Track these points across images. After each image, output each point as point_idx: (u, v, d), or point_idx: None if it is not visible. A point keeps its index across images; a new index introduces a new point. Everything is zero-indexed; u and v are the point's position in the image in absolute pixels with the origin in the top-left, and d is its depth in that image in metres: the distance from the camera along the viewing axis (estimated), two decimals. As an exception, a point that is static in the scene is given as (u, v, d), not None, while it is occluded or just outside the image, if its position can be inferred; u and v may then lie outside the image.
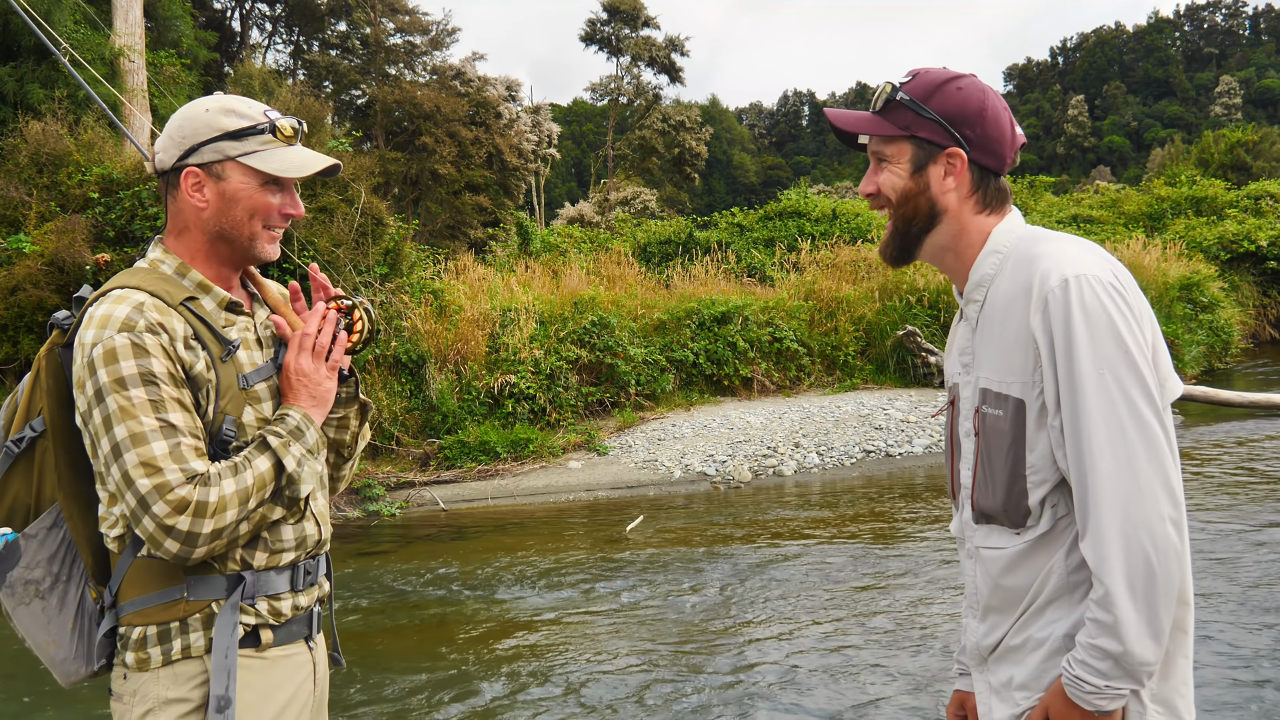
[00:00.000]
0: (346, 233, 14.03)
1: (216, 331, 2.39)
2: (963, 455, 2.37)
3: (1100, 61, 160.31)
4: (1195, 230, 29.05)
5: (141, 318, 2.26)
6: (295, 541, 2.49)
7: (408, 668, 7.10)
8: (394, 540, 11.23)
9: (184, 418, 2.26)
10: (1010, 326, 2.17)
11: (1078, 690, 2.05)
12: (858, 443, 14.63)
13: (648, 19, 55.12)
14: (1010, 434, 2.16)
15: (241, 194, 2.43)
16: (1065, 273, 2.07)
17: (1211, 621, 6.95)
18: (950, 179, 2.27)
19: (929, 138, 2.24)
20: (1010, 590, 2.25)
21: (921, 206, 2.28)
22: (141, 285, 2.34)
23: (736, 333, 17.86)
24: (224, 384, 2.37)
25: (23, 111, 15.66)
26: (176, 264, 2.45)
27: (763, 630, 7.47)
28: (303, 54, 44.08)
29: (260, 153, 2.43)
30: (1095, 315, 2.03)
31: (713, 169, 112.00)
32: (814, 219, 26.06)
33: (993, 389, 2.21)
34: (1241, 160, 48.22)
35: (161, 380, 2.24)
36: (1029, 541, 2.19)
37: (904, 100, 2.26)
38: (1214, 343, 22.25)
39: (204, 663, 2.32)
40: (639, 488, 13.22)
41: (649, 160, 55.96)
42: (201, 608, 2.34)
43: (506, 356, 15.32)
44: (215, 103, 2.46)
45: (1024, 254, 2.20)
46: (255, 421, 2.41)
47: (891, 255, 2.38)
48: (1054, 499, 2.16)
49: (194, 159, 2.41)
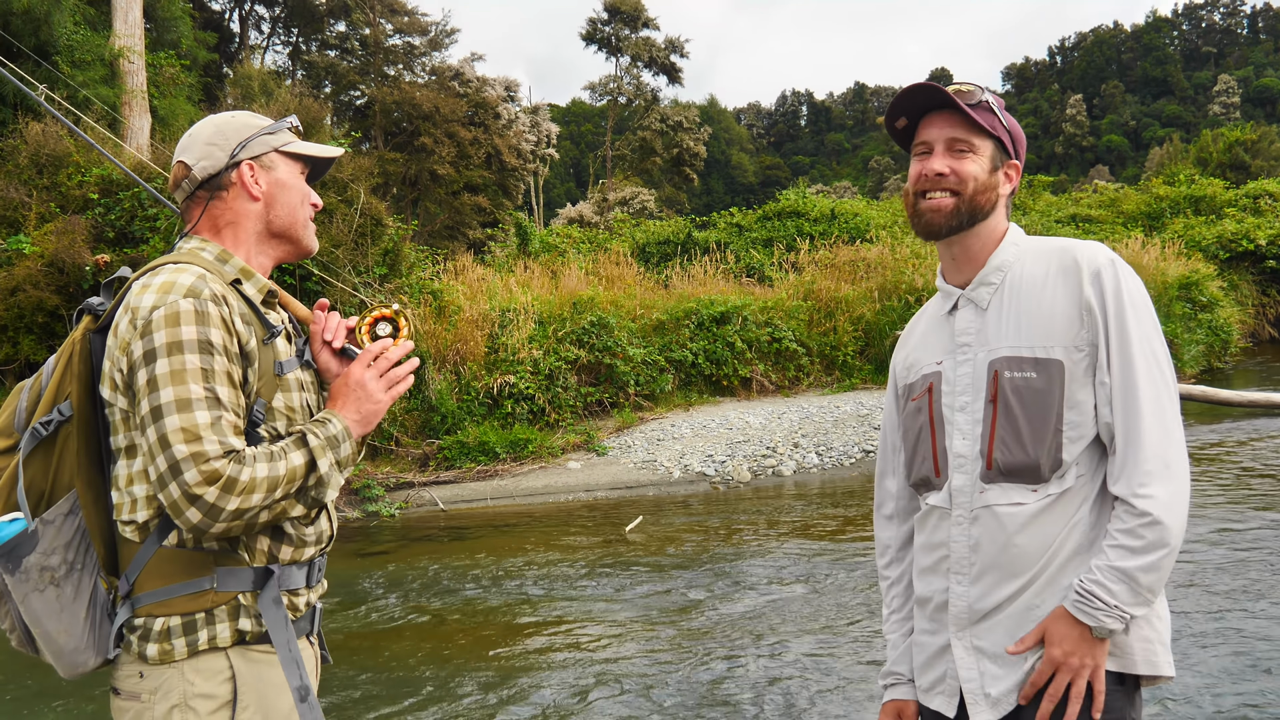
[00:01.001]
0: (346, 233, 14.04)
1: (261, 314, 2.43)
2: (957, 427, 2.50)
3: (1098, 61, 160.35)
4: (1194, 229, 29.07)
5: (206, 286, 2.28)
6: (315, 537, 2.50)
7: (406, 668, 7.10)
8: (393, 541, 11.24)
9: (230, 393, 2.27)
10: (1049, 299, 2.40)
11: (1088, 606, 2.25)
12: (857, 443, 14.63)
13: (648, 20, 55.18)
14: (1049, 392, 2.35)
15: (291, 180, 2.56)
16: (1107, 253, 2.39)
17: (1226, 610, 6.97)
18: (1007, 185, 2.56)
19: (1005, 145, 2.54)
20: (1023, 549, 2.37)
21: (991, 200, 2.52)
22: (194, 262, 2.36)
23: (735, 333, 17.88)
24: (263, 366, 2.39)
25: (23, 113, 15.67)
26: (218, 251, 2.49)
27: (764, 630, 7.47)
28: (301, 55, 44.10)
29: (294, 143, 2.58)
30: (1137, 290, 2.36)
31: (711, 169, 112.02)
32: (812, 219, 26.08)
33: (1024, 355, 2.40)
34: (1240, 159, 48.28)
35: (217, 350, 2.25)
36: (1049, 498, 2.36)
37: (991, 106, 2.51)
38: (1213, 342, 22.26)
39: (228, 657, 2.32)
40: (638, 488, 13.23)
41: (648, 160, 55.99)
42: (228, 599, 2.32)
43: (505, 357, 15.33)
44: (235, 113, 2.58)
45: (1041, 247, 2.51)
46: (284, 408, 2.42)
47: (943, 227, 2.53)
48: (1082, 457, 2.36)
49: (245, 154, 2.50)
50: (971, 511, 2.44)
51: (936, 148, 2.51)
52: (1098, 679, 2.28)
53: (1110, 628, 2.24)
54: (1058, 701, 2.29)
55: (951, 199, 2.49)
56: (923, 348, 2.65)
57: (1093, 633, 2.25)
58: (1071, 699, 2.28)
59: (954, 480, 2.48)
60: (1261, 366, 23.11)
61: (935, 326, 2.63)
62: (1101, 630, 2.24)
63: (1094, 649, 2.27)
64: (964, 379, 2.49)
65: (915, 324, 2.75)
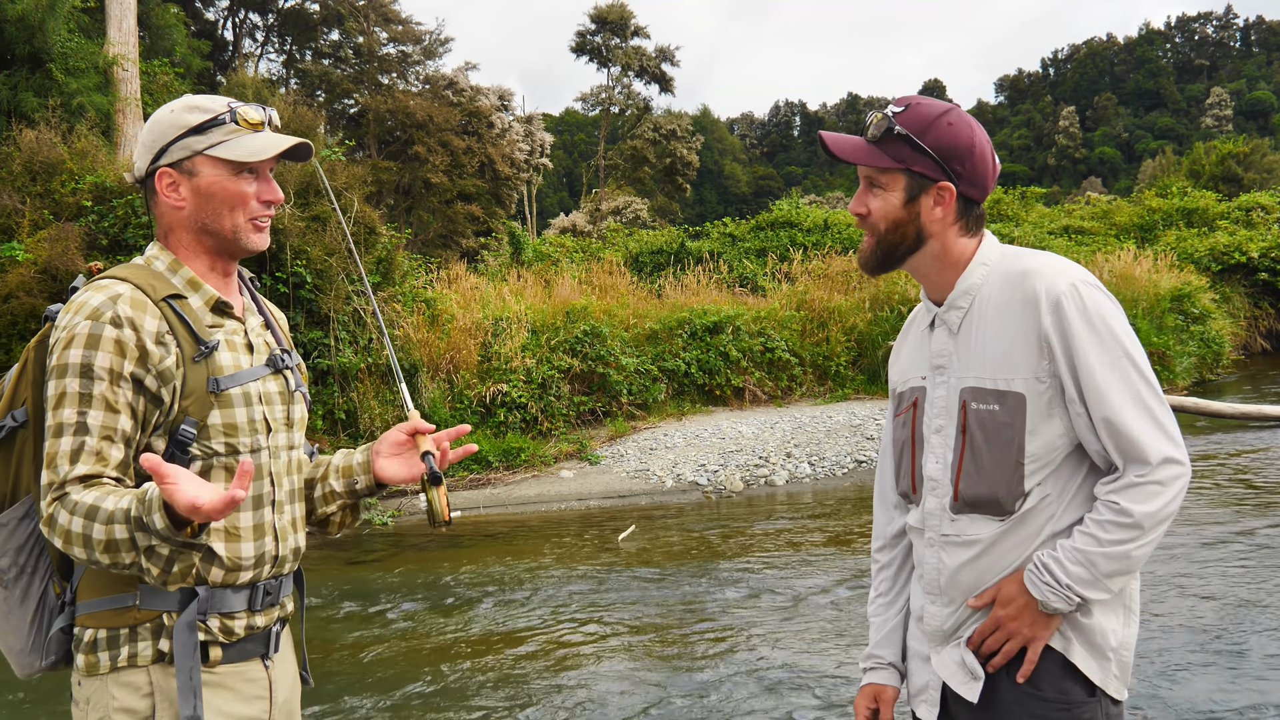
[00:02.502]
0: (339, 241, 14.05)
1: (194, 330, 2.36)
2: (930, 449, 2.50)
3: (1091, 73, 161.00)
4: (1186, 241, 29.13)
5: (111, 309, 2.25)
6: (254, 559, 2.42)
7: (397, 678, 7.09)
8: (386, 549, 11.22)
9: (104, 417, 2.23)
10: (1010, 329, 2.33)
11: (1038, 579, 2.27)
12: (850, 453, 14.64)
13: (637, 29, 55.06)
14: (1010, 425, 2.31)
15: (215, 187, 2.42)
16: (1070, 278, 2.29)
17: (1215, 628, 6.98)
18: (939, 209, 2.42)
19: (923, 171, 2.39)
20: (986, 570, 2.41)
21: (910, 233, 2.44)
22: (128, 277, 2.34)
23: (728, 342, 17.90)
24: (190, 384, 2.32)
25: (16, 119, 15.66)
26: (169, 260, 2.45)
27: (756, 640, 7.47)
28: (295, 63, 44.11)
29: (225, 142, 2.41)
30: (1099, 311, 2.27)
31: (704, 179, 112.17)
32: (806, 229, 26.13)
33: (986, 386, 2.36)
34: (1232, 172, 48.44)
35: (98, 375, 2.22)
36: (1009, 524, 2.36)
37: (900, 134, 2.38)
38: (1205, 354, 22.29)
39: (149, 674, 2.29)
40: (631, 497, 13.22)
41: (640, 170, 55.99)
42: (152, 617, 2.30)
43: (498, 365, 15.34)
44: (180, 102, 2.46)
45: (1010, 269, 2.40)
46: (222, 425, 2.36)
47: (871, 267, 2.53)
48: (1046, 483, 2.34)
49: (165, 159, 2.41)
50: (941, 535, 2.46)
51: (860, 186, 2.49)
52: (1033, 650, 2.32)
53: (1055, 606, 2.26)
54: (989, 653, 2.37)
55: (870, 239, 2.49)
56: (912, 359, 2.63)
57: (1039, 606, 2.28)
58: (999, 657, 2.36)
59: (927, 502, 2.50)
60: (1253, 379, 23.16)
61: (920, 340, 2.61)
62: (1046, 606, 2.26)
63: (1037, 621, 2.30)
64: (939, 401, 2.48)
65: (908, 330, 2.71)
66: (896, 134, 2.38)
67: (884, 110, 2.43)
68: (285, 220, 13.15)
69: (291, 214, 13.39)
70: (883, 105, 2.48)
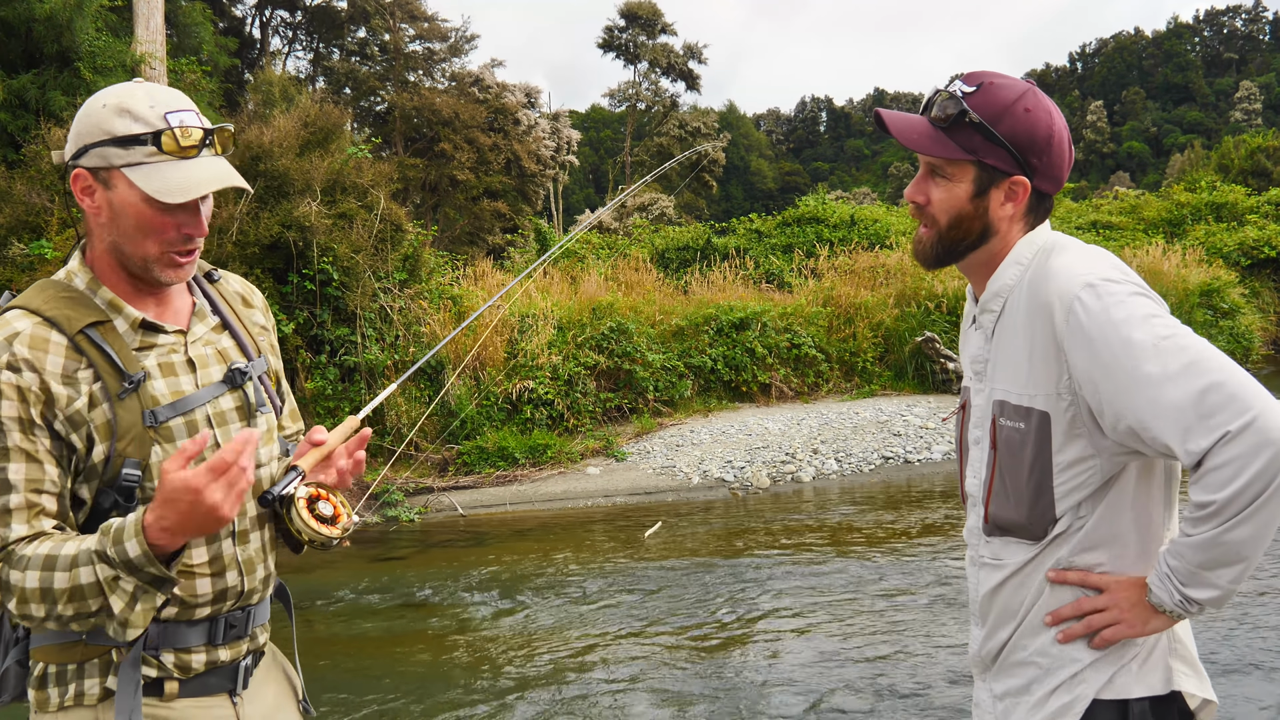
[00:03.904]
0: (365, 239, 14.08)
1: (118, 363, 2.13)
2: (970, 462, 2.36)
3: (1119, 67, 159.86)
4: (1215, 236, 28.90)
5: (7, 351, 2.05)
6: (213, 595, 2.26)
7: (424, 674, 7.10)
8: (412, 546, 11.24)
9: (25, 469, 2.05)
10: (1033, 341, 2.13)
11: (1156, 571, 2.06)
12: (876, 449, 14.59)
13: (665, 25, 55.14)
14: (1035, 447, 2.12)
15: (130, 209, 2.14)
16: (1084, 278, 2.05)
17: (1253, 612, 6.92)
18: (1010, 205, 2.21)
19: (995, 164, 2.17)
20: (1016, 596, 2.25)
21: (974, 229, 2.23)
22: (39, 308, 2.13)
23: (755, 339, 17.85)
24: (123, 424, 2.11)
25: (45, 118, 15.74)
26: (89, 279, 2.23)
27: (783, 640, 7.46)
28: (323, 61, 44.33)
29: (143, 166, 2.12)
30: (1117, 309, 2.00)
31: (730, 175, 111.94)
32: (832, 225, 26.01)
33: (1011, 401, 2.18)
34: (1262, 166, 47.95)
35: (7, 427, 2.04)
36: (1040, 550, 2.19)
37: (973, 121, 2.15)
38: (1235, 349, 22.12)
39: (95, 713, 2.16)
40: (657, 494, 13.21)
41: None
42: (100, 653, 2.16)
43: (525, 362, 15.34)
44: (114, 98, 2.15)
45: (1040, 269, 2.17)
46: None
47: (929, 262, 2.31)
48: (1084, 506, 2.13)
49: (83, 161, 2.14)
50: (980, 555, 2.33)
51: (920, 169, 2.27)
52: (1115, 633, 2.11)
53: (1158, 598, 2.04)
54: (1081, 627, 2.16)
55: (929, 230, 2.26)
56: (964, 358, 2.44)
57: (1147, 595, 2.07)
58: (1081, 625, 2.15)
59: (969, 518, 2.38)
60: (1284, 374, 22.99)
61: (968, 337, 2.42)
62: (1152, 596, 2.05)
63: (1142, 612, 2.08)
64: (978, 411, 2.32)
65: (967, 318, 2.47)
66: (969, 122, 2.15)
67: (951, 89, 2.19)
68: (312, 218, 13.19)
69: (318, 211, 13.43)
70: (912, 100, 2.31)
